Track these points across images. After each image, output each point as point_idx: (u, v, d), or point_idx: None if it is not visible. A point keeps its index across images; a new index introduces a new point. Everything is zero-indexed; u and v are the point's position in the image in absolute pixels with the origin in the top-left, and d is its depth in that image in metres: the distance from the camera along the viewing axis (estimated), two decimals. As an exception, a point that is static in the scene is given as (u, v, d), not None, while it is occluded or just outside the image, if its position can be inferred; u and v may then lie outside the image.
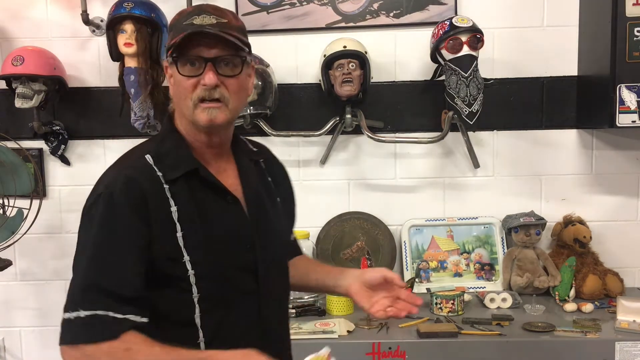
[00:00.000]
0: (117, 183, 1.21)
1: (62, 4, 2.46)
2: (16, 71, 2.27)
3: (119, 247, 1.17)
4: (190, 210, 1.23)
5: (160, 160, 1.25)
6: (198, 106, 1.23)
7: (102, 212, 1.19)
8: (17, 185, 2.23)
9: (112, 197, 1.19)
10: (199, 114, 1.23)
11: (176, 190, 1.23)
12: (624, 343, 1.88)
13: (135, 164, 1.26)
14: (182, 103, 1.25)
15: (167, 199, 1.21)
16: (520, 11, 2.43)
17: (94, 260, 1.17)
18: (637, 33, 2.11)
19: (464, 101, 2.20)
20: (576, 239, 2.35)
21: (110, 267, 1.16)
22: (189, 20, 1.22)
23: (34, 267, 2.56)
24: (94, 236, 1.19)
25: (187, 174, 1.25)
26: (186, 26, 1.21)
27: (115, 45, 2.28)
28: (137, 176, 1.21)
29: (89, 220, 1.22)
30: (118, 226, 1.18)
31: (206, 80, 1.21)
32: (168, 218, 1.21)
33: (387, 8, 2.43)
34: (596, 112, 2.30)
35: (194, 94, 1.22)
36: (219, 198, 1.28)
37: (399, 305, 1.37)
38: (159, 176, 1.23)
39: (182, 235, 1.20)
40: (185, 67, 1.22)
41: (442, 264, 2.46)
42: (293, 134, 2.42)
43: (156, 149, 1.28)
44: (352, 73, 2.27)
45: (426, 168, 2.50)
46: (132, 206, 1.18)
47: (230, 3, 2.42)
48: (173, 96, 1.29)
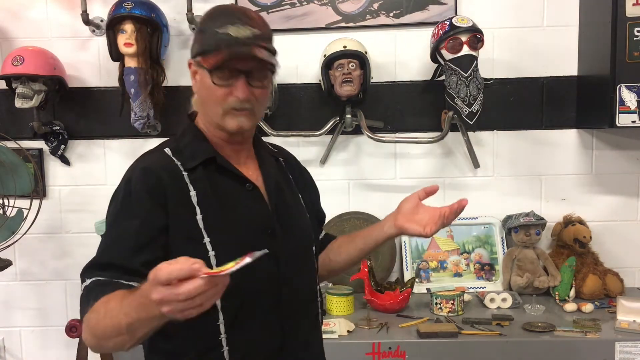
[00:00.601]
0: (135, 173, 1.26)
1: (62, 4, 2.46)
2: (16, 71, 2.27)
3: (129, 227, 1.21)
4: (210, 195, 1.27)
5: (179, 152, 1.31)
6: (229, 113, 1.27)
7: (120, 199, 1.25)
8: (17, 185, 2.23)
9: (129, 184, 1.25)
10: (228, 121, 1.27)
11: (195, 178, 1.27)
12: (624, 343, 1.88)
13: (154, 157, 1.31)
14: (210, 107, 1.29)
15: (186, 185, 1.26)
16: (520, 11, 2.43)
17: (105, 240, 1.24)
18: (637, 33, 2.11)
19: (464, 101, 2.20)
20: (576, 239, 2.35)
21: (118, 244, 1.21)
22: (224, 29, 1.24)
23: (34, 267, 2.56)
24: (110, 220, 1.26)
25: (205, 163, 1.29)
26: (222, 37, 1.23)
27: (115, 45, 2.28)
28: (153, 166, 1.26)
29: (109, 208, 1.28)
30: (132, 210, 1.22)
31: (240, 95, 1.25)
32: (187, 202, 1.25)
33: (387, 8, 2.43)
34: (596, 112, 2.30)
35: (226, 103, 1.26)
36: (238, 185, 1.31)
37: (444, 214, 1.39)
38: (178, 165, 1.28)
39: (202, 217, 1.24)
40: (218, 76, 1.25)
41: (442, 264, 2.46)
42: (293, 134, 2.42)
43: (175, 143, 1.33)
44: (352, 73, 2.27)
45: (426, 168, 2.50)
46: (148, 192, 1.23)
47: (231, 3, 2.42)
48: (199, 96, 1.33)
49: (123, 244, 1.20)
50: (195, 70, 1.31)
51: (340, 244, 1.57)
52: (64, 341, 2.34)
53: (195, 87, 1.33)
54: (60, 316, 2.51)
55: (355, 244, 1.53)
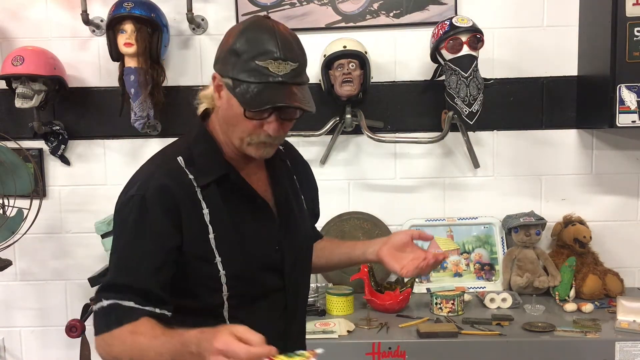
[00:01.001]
0: (150, 188, 1.23)
1: (62, 4, 2.46)
2: (16, 71, 2.27)
3: (146, 249, 1.21)
4: (222, 213, 1.26)
5: (192, 163, 1.28)
6: (253, 144, 1.25)
7: (134, 216, 1.22)
8: (17, 185, 2.23)
9: (144, 201, 1.22)
10: (253, 149, 1.26)
11: (207, 194, 1.26)
12: (624, 343, 1.88)
13: (168, 165, 1.28)
14: (234, 132, 1.25)
15: (199, 202, 1.25)
16: (520, 11, 2.43)
17: (121, 260, 1.23)
18: (637, 33, 2.11)
19: (464, 101, 2.20)
20: (576, 239, 2.35)
21: (136, 266, 1.21)
22: (265, 63, 1.18)
23: (34, 267, 2.56)
24: (125, 237, 1.24)
25: (218, 179, 1.28)
26: (263, 71, 1.17)
27: (115, 45, 2.28)
28: (169, 183, 1.24)
29: (122, 222, 1.26)
30: (147, 230, 1.21)
31: (272, 132, 1.23)
32: (200, 221, 1.24)
33: (387, 8, 2.43)
34: (596, 112, 2.30)
35: (254, 136, 1.23)
36: (249, 202, 1.31)
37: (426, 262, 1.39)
38: (191, 179, 1.26)
39: (214, 237, 1.25)
40: (249, 112, 1.20)
41: (442, 264, 2.45)
42: (293, 134, 2.41)
43: (188, 151, 1.30)
44: (352, 73, 2.27)
45: (426, 168, 2.50)
46: (164, 212, 1.22)
47: (231, 3, 2.43)
48: (223, 115, 1.27)
49: (140, 266, 1.20)
50: (220, 86, 1.25)
51: (323, 247, 1.58)
52: (64, 341, 2.34)
53: (219, 102, 1.27)
54: (60, 316, 2.51)
55: (334, 255, 1.56)
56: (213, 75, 1.27)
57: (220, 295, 1.26)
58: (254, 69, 1.18)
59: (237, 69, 1.20)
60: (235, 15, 2.42)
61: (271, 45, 1.19)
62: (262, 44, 1.20)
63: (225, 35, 1.27)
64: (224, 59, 1.23)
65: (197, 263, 1.25)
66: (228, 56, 1.22)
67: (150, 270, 1.20)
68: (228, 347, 1.02)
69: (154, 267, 1.20)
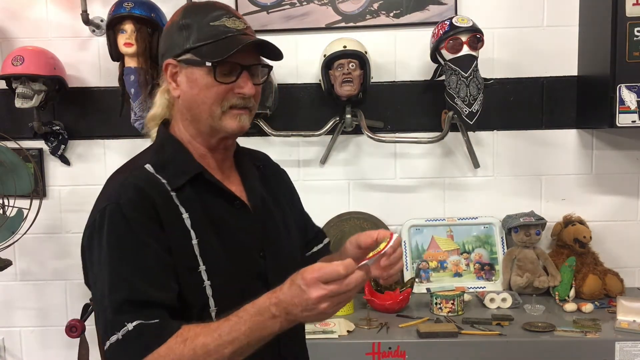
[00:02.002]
0: (123, 195, 1.13)
1: (62, 4, 2.46)
2: (16, 71, 2.27)
3: (139, 258, 1.10)
4: (202, 217, 1.18)
5: (161, 169, 1.20)
6: (228, 112, 1.20)
7: (113, 229, 1.11)
8: (17, 185, 2.23)
9: (120, 210, 1.11)
10: (228, 121, 1.20)
11: (184, 198, 1.18)
12: (624, 343, 1.88)
13: (136, 172, 1.19)
14: (204, 109, 1.19)
15: (176, 207, 1.16)
16: (520, 11, 2.43)
17: (117, 279, 1.09)
18: (637, 33, 2.11)
19: (464, 101, 2.20)
20: (576, 239, 2.35)
21: (144, 276, 1.09)
22: (220, 22, 1.17)
23: (33, 267, 2.56)
24: (109, 255, 1.10)
25: (192, 180, 1.20)
26: (220, 28, 1.17)
27: (115, 45, 2.28)
28: (143, 185, 1.14)
29: (99, 239, 1.12)
30: (132, 240, 1.10)
31: (246, 90, 1.19)
32: (181, 226, 1.16)
33: (387, 8, 2.43)
34: (596, 112, 2.30)
35: (226, 101, 1.19)
36: (227, 203, 1.24)
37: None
38: (164, 183, 1.17)
39: (198, 242, 1.16)
40: (220, 71, 1.17)
41: (442, 264, 2.46)
42: (293, 134, 2.42)
43: (155, 158, 1.22)
44: (352, 73, 2.27)
45: (426, 168, 2.50)
46: (145, 216, 1.12)
47: (230, 3, 2.42)
48: (187, 99, 1.21)
49: (149, 276, 1.09)
50: (176, 72, 1.21)
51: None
52: (64, 341, 2.33)
53: (177, 91, 1.22)
54: (60, 316, 2.51)
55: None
56: (165, 66, 1.23)
57: (208, 310, 1.16)
58: (210, 31, 1.17)
59: (192, 39, 1.18)
60: (235, 15, 2.42)
61: (218, 9, 1.20)
62: (209, 10, 1.20)
63: (165, 27, 1.26)
64: (173, 42, 1.21)
65: (182, 272, 1.14)
66: (177, 35, 1.20)
67: (162, 277, 1.10)
68: (327, 291, 0.97)
69: (164, 273, 1.11)
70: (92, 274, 1.15)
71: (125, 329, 1.04)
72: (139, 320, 1.05)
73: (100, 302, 1.10)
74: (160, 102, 1.29)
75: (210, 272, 1.16)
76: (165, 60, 1.23)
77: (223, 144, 1.27)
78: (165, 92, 1.28)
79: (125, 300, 1.07)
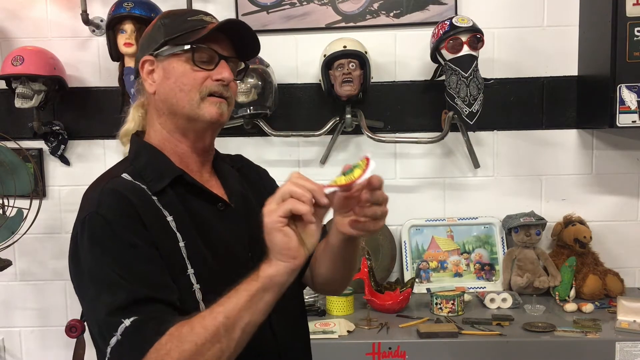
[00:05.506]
0: (103, 202, 1.08)
1: (62, 4, 2.46)
2: (16, 71, 2.27)
3: (127, 259, 1.06)
4: (186, 220, 1.15)
5: (139, 176, 1.16)
6: (206, 99, 1.18)
7: (96, 236, 1.07)
8: (17, 185, 2.23)
9: (101, 216, 1.07)
10: (207, 108, 1.18)
11: (166, 201, 1.15)
12: (624, 343, 1.88)
13: (114, 180, 1.15)
14: (181, 96, 1.18)
15: (159, 210, 1.13)
16: (520, 11, 2.43)
17: (108, 283, 1.04)
18: (637, 33, 2.11)
19: (464, 101, 2.20)
20: (576, 239, 2.35)
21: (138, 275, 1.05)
22: (197, 17, 1.21)
23: (33, 267, 2.56)
24: (96, 262, 1.06)
25: (172, 183, 1.17)
26: (197, 22, 1.20)
27: (115, 45, 2.28)
28: (122, 190, 1.11)
29: (83, 250, 1.07)
30: (118, 242, 1.06)
31: (226, 75, 1.19)
32: (166, 229, 1.12)
33: (387, 8, 2.43)
34: (596, 112, 2.30)
35: (204, 87, 1.18)
36: (209, 205, 1.21)
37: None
38: (144, 189, 1.14)
39: (185, 245, 1.12)
40: (199, 57, 1.18)
41: (442, 264, 2.45)
42: (293, 134, 2.42)
43: (131, 167, 1.18)
44: (352, 73, 2.27)
45: (426, 168, 2.50)
46: (128, 219, 1.08)
47: (230, 3, 2.42)
48: (163, 92, 1.20)
49: (139, 274, 1.05)
50: (152, 69, 1.21)
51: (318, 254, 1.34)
52: (64, 341, 2.34)
53: (153, 87, 1.21)
54: (60, 316, 2.51)
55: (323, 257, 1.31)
56: (141, 64, 1.22)
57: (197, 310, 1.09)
58: (188, 23, 1.20)
59: (170, 31, 1.20)
60: (235, 15, 2.42)
61: (197, 11, 1.25)
62: (187, 12, 1.25)
63: (144, 33, 1.28)
64: (151, 39, 1.22)
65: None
66: (155, 32, 1.22)
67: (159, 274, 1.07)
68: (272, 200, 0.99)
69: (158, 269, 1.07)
70: (82, 285, 1.09)
71: (123, 325, 1.01)
72: (135, 316, 1.01)
73: (93, 309, 1.06)
74: (133, 117, 1.28)
75: (199, 275, 1.12)
76: (142, 58, 1.23)
77: (202, 142, 1.24)
78: (140, 107, 1.28)
79: (119, 301, 1.03)
